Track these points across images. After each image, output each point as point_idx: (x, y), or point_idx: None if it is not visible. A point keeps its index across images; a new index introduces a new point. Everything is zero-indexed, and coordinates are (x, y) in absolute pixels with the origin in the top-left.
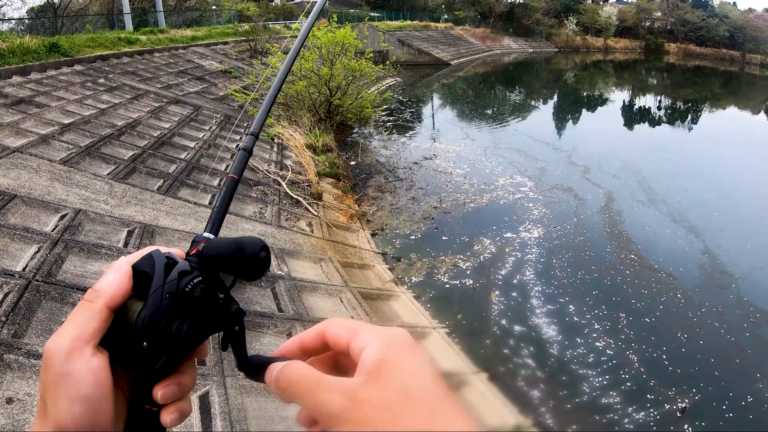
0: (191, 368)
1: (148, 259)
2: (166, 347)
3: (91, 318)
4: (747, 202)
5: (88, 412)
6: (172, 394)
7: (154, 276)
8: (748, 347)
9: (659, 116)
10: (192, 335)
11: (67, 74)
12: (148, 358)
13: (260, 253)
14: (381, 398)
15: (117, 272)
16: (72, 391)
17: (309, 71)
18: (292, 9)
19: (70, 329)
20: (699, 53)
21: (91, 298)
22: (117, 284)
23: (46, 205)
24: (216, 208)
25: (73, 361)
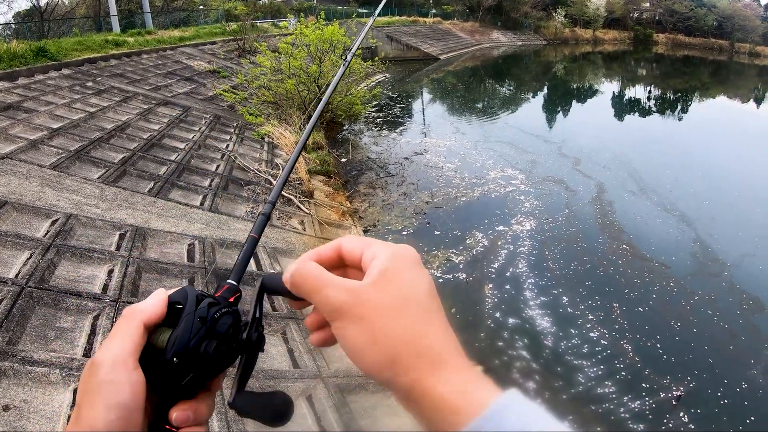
0: (209, 399)
1: (181, 291)
2: (193, 365)
3: (131, 333)
4: (737, 191)
5: (122, 420)
6: (186, 419)
7: (187, 303)
8: (741, 334)
9: (649, 107)
10: (217, 356)
11: (55, 78)
12: (175, 374)
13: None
14: (380, 299)
15: (155, 297)
16: (111, 398)
17: (298, 69)
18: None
19: (116, 342)
20: (688, 43)
21: (130, 315)
22: (153, 305)
23: (37, 211)
24: (239, 261)
25: (117, 371)
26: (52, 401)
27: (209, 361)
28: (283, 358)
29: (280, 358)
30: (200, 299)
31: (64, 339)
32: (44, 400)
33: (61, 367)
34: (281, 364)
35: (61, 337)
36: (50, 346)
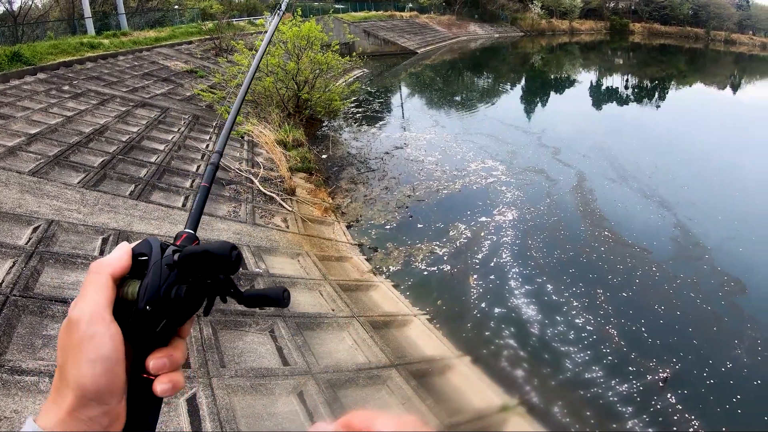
0: (181, 344)
1: (145, 243)
2: (165, 311)
3: (102, 287)
4: (716, 176)
5: (106, 372)
6: (162, 366)
7: (152, 253)
8: (724, 315)
9: (626, 95)
10: (189, 299)
11: (30, 83)
12: (149, 322)
13: (231, 254)
14: None
15: (119, 250)
16: (93, 351)
17: (275, 67)
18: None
19: (89, 297)
20: (664, 32)
21: (98, 269)
22: (119, 258)
23: (18, 218)
24: (193, 210)
25: (96, 325)
26: None
27: (181, 305)
28: (272, 356)
29: (269, 356)
30: (164, 248)
31: (52, 347)
32: (35, 410)
33: (51, 375)
34: (270, 362)
35: (48, 345)
36: (38, 355)
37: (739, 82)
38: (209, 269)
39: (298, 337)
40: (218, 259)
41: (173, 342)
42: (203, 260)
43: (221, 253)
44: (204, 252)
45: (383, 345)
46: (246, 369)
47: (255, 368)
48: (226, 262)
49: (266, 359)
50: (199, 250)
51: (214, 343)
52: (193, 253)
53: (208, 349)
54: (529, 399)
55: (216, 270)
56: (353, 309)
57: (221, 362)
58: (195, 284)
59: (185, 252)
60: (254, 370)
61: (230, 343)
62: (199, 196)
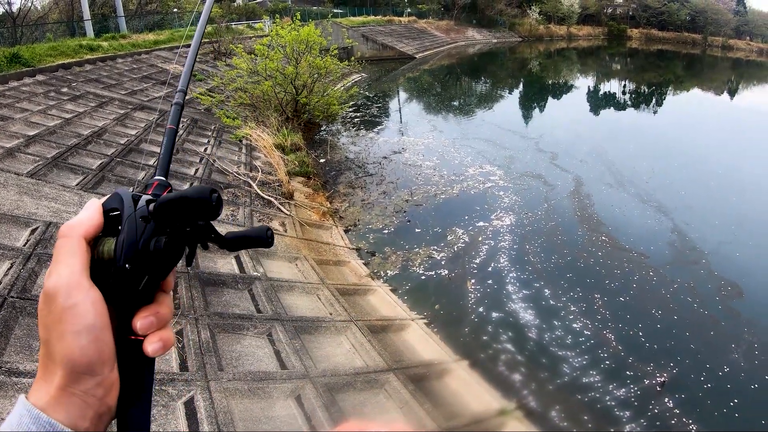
0: (166, 299)
1: (115, 196)
2: (147, 266)
3: (75, 251)
4: (713, 181)
5: (93, 341)
6: (150, 325)
7: (125, 206)
8: (721, 319)
9: (624, 101)
10: (169, 250)
11: (29, 85)
12: (131, 281)
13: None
14: None
15: (88, 209)
16: (77, 322)
17: (274, 71)
18: (255, 9)
19: (62, 267)
20: (661, 37)
21: (68, 232)
22: (89, 218)
23: (16, 220)
24: (161, 155)
25: (75, 294)
26: None
27: (162, 258)
28: (270, 360)
29: (267, 359)
30: (136, 199)
31: None
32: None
33: None
34: (268, 366)
35: None
36: (35, 357)
37: (736, 88)
38: (188, 216)
39: (296, 340)
40: (197, 203)
41: (158, 298)
42: (181, 207)
43: (200, 197)
44: (182, 198)
45: (381, 349)
46: (244, 372)
47: (253, 372)
48: (206, 207)
49: (264, 363)
50: (176, 197)
51: (212, 346)
52: (169, 201)
53: (206, 353)
54: (527, 403)
55: (196, 216)
56: (351, 313)
57: (219, 365)
58: (174, 234)
59: (160, 201)
60: (252, 374)
61: (228, 346)
62: (166, 140)
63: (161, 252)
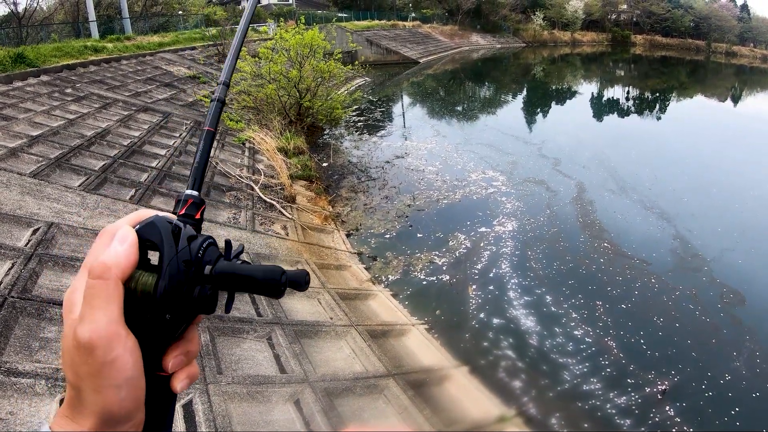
0: (194, 334)
1: (152, 227)
2: (187, 314)
3: (111, 296)
4: (716, 188)
5: (132, 393)
6: (180, 363)
7: (165, 245)
8: (723, 327)
9: (627, 107)
10: (213, 298)
11: (33, 85)
12: (170, 329)
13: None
14: None
15: (124, 242)
16: (117, 377)
17: (278, 74)
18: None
19: (100, 314)
20: (665, 44)
21: (104, 274)
22: (126, 256)
23: (18, 220)
24: (196, 163)
25: (114, 347)
26: (39, 412)
27: (205, 305)
28: (269, 364)
29: (267, 363)
30: (175, 233)
31: (49, 349)
32: (30, 412)
33: (47, 378)
34: (267, 370)
35: (45, 348)
36: (35, 357)
37: (740, 94)
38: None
39: (296, 345)
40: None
41: (186, 333)
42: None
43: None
44: (249, 278)
45: (381, 354)
46: (243, 376)
47: (252, 375)
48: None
49: (263, 367)
50: (243, 273)
51: (212, 349)
52: (234, 274)
53: (206, 356)
54: (527, 410)
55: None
56: (351, 318)
57: (218, 369)
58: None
59: (223, 269)
60: (251, 378)
61: (228, 349)
62: (202, 146)
63: (206, 298)
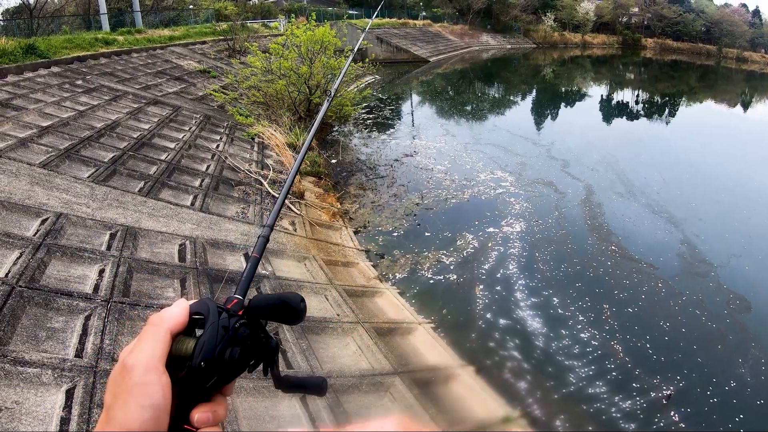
0: (224, 401)
1: (202, 303)
2: (218, 370)
3: (159, 339)
4: (724, 193)
5: (154, 419)
6: (206, 420)
7: (210, 313)
8: (729, 333)
9: (637, 110)
10: (241, 361)
11: (44, 76)
12: (201, 378)
13: (300, 305)
14: None
15: (179, 306)
16: (145, 399)
17: (288, 70)
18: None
19: (146, 347)
20: (676, 48)
21: (158, 323)
22: (179, 315)
23: (27, 210)
24: (244, 277)
25: (150, 374)
26: (45, 402)
27: (233, 366)
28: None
29: None
30: (220, 311)
31: (56, 339)
32: (36, 402)
33: (53, 368)
34: None
35: (52, 338)
36: (42, 347)
37: (750, 100)
38: (278, 317)
39: (303, 340)
40: (290, 309)
41: (216, 398)
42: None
43: (293, 304)
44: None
45: (387, 352)
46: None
47: (258, 370)
48: (294, 313)
49: None
50: (277, 300)
51: None
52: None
53: None
54: (532, 411)
55: (283, 318)
56: (358, 315)
57: None
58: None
59: (260, 299)
60: (257, 372)
61: None
62: (249, 266)
63: (235, 361)
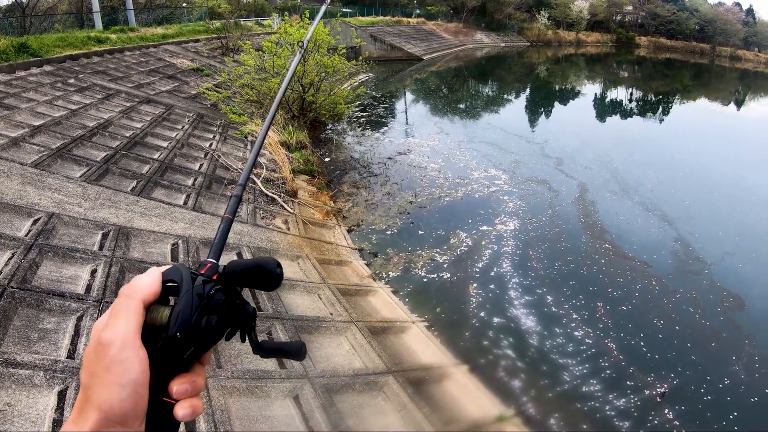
0: (202, 370)
1: (174, 270)
2: (195, 339)
3: (133, 312)
4: (718, 191)
5: (133, 396)
6: (185, 391)
7: (183, 281)
8: (723, 331)
9: (630, 108)
10: (218, 329)
11: (36, 75)
12: (178, 349)
13: (276, 270)
14: None
15: (150, 275)
16: (123, 376)
17: (282, 68)
18: (264, 6)
19: (121, 321)
20: (669, 46)
21: (131, 294)
22: (150, 284)
23: (19, 210)
24: (217, 240)
25: (126, 350)
26: (37, 404)
27: (210, 335)
28: (268, 359)
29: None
30: (193, 277)
31: (48, 340)
32: (28, 403)
33: (45, 369)
34: (267, 365)
35: (44, 339)
36: (33, 348)
37: (744, 99)
38: (254, 283)
39: (296, 340)
40: (266, 273)
41: (194, 368)
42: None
43: (269, 268)
44: (256, 266)
45: (381, 351)
46: (242, 371)
47: (251, 370)
48: (270, 277)
49: (263, 362)
50: (251, 263)
51: None
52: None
53: None
54: (526, 410)
55: (260, 284)
56: (352, 314)
57: (217, 363)
58: (224, 315)
59: (235, 264)
60: (250, 372)
61: (227, 344)
62: (222, 228)
63: (211, 328)
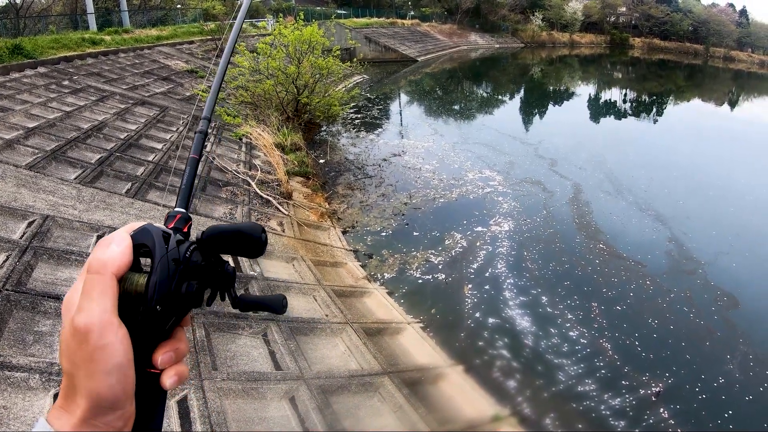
0: (183, 335)
1: (144, 232)
2: (176, 308)
3: (106, 289)
4: (712, 191)
5: (121, 379)
6: (169, 360)
7: (156, 246)
8: (717, 330)
9: (624, 109)
10: (198, 293)
11: (30, 76)
12: (159, 321)
13: (262, 235)
14: None
15: (120, 244)
16: (108, 362)
17: (276, 70)
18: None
19: (95, 303)
20: (663, 47)
21: (101, 269)
22: (122, 254)
23: (13, 212)
24: (183, 185)
25: (107, 334)
26: (32, 407)
27: (191, 301)
28: (264, 360)
29: (262, 360)
30: (166, 237)
31: (43, 343)
32: (24, 406)
33: (41, 372)
34: (263, 366)
35: (39, 341)
36: (29, 351)
37: (737, 99)
38: (236, 249)
39: (291, 341)
40: (248, 239)
41: (176, 333)
42: (232, 240)
43: (252, 233)
44: (236, 232)
45: (376, 352)
46: (238, 372)
47: (247, 372)
48: (256, 244)
49: (259, 363)
50: (230, 229)
51: (207, 345)
52: (222, 232)
53: (201, 351)
54: (521, 410)
55: (243, 251)
56: (347, 315)
57: (213, 365)
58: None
59: (213, 230)
60: (246, 374)
61: (223, 345)
62: (188, 170)
63: (192, 295)
